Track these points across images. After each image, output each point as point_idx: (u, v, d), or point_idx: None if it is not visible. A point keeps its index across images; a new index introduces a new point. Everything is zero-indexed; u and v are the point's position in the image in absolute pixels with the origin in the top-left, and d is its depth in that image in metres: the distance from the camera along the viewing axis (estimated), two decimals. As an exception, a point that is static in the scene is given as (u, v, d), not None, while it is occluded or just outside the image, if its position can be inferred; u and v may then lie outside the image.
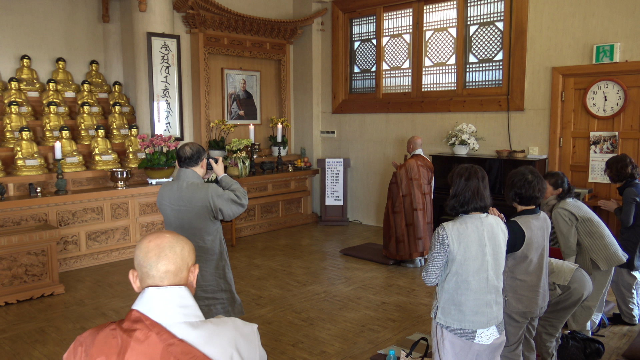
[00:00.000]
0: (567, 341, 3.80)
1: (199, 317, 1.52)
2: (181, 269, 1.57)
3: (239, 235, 7.86)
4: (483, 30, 7.26)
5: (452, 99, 7.53)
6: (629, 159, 4.50)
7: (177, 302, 1.51)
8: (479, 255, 2.64)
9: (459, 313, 2.65)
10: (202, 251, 3.13)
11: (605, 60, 6.10)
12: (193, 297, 1.57)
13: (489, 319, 2.66)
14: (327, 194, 8.65)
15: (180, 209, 3.10)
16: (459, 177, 2.74)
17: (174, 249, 1.57)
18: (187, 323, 1.48)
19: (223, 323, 1.54)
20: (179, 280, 1.57)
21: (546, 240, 3.17)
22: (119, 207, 6.60)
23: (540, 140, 6.74)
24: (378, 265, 6.39)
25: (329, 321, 4.68)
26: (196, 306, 1.54)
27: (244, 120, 8.68)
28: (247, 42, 8.48)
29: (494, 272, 2.69)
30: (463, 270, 2.63)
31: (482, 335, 2.64)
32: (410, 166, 6.23)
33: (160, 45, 7.31)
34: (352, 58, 8.88)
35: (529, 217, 3.10)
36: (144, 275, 1.55)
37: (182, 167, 3.17)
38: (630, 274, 4.47)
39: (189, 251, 1.62)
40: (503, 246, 2.76)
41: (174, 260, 1.56)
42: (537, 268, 3.11)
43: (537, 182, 3.10)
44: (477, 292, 2.64)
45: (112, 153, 6.92)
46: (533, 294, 3.11)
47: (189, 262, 1.61)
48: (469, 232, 2.64)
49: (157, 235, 1.60)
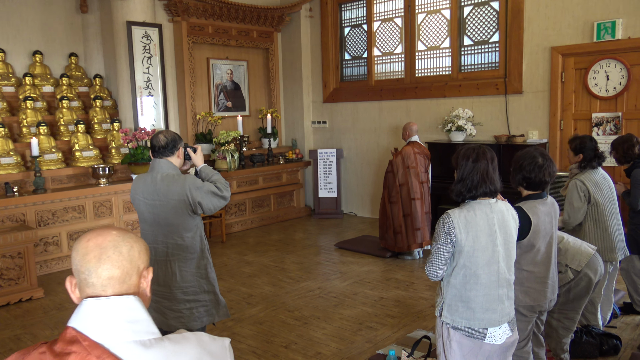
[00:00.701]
0: (581, 336, 3.54)
1: (153, 333, 1.21)
2: (129, 274, 1.27)
3: (230, 231, 7.57)
4: (478, 10, 6.97)
5: (447, 84, 7.25)
6: (635, 139, 4.22)
7: (124, 316, 1.20)
8: (489, 246, 2.36)
9: (467, 310, 2.37)
10: (181, 249, 2.84)
11: (606, 37, 5.83)
12: (146, 309, 1.26)
13: (500, 316, 2.39)
14: (320, 186, 8.36)
15: (155, 204, 2.80)
16: (465, 158, 2.45)
17: (119, 249, 1.27)
18: (138, 342, 1.17)
19: (184, 340, 1.23)
20: (127, 288, 1.26)
21: (554, 226, 2.89)
22: (102, 205, 6.29)
23: (540, 123, 6.47)
24: (375, 258, 6.12)
25: (324, 319, 4.41)
26: (149, 320, 1.23)
27: (232, 112, 8.36)
28: (233, 30, 8.15)
29: (505, 263, 2.42)
30: (472, 263, 2.36)
31: (493, 334, 2.37)
32: (406, 154, 5.95)
33: (141, 35, 6.98)
34: (342, 45, 8.57)
35: (535, 202, 2.82)
36: (83, 282, 1.25)
37: (156, 158, 2.87)
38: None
39: (140, 251, 1.31)
40: (514, 235, 2.49)
41: (119, 264, 1.25)
42: (545, 258, 2.84)
43: (547, 165, 2.82)
44: (487, 286, 2.37)
45: (94, 149, 6.60)
46: (541, 285, 2.85)
47: (140, 265, 1.30)
48: (478, 220, 2.36)
49: (98, 233, 1.29)
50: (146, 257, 1.33)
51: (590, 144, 3.76)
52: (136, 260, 1.29)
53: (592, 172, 3.78)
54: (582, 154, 3.77)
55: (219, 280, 5.33)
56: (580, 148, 3.77)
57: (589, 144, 3.75)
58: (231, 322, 4.37)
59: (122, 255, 1.26)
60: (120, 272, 1.25)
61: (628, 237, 4.27)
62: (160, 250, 2.84)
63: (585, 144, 3.76)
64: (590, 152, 3.75)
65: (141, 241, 1.34)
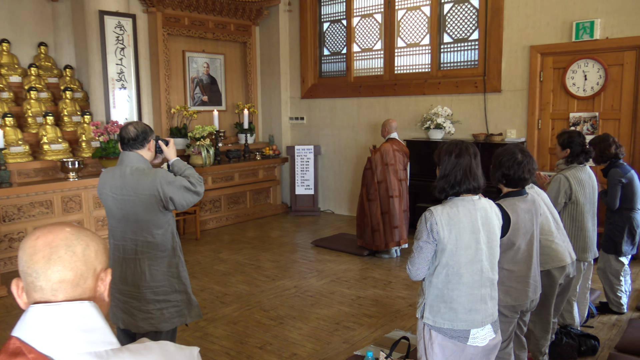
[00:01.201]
0: (561, 338, 3.51)
1: (110, 343, 1.08)
2: (84, 277, 1.13)
3: (204, 228, 7.40)
4: (457, 8, 6.94)
5: (427, 81, 7.21)
6: (612, 139, 4.22)
7: (77, 324, 1.06)
8: (472, 244, 2.29)
9: (450, 311, 2.30)
10: (152, 247, 2.70)
11: (585, 37, 5.84)
12: (103, 316, 1.12)
13: (483, 316, 2.32)
14: (297, 183, 8.25)
15: (124, 199, 2.66)
16: (447, 154, 2.38)
17: (72, 248, 1.12)
18: (92, 354, 1.04)
19: (146, 350, 1.10)
20: (81, 292, 1.12)
21: (535, 224, 2.84)
22: (70, 200, 6.07)
23: (518, 122, 6.47)
24: (352, 256, 6.04)
25: (300, 319, 4.30)
26: (107, 329, 1.10)
27: (208, 107, 8.18)
28: (210, 22, 7.97)
29: (488, 263, 2.35)
30: (454, 262, 2.28)
31: (476, 335, 2.30)
32: (385, 151, 5.88)
33: (114, 25, 6.76)
34: (321, 40, 8.46)
35: (515, 199, 2.76)
36: (30, 286, 1.10)
37: (126, 150, 2.72)
38: (618, 260, 4.21)
39: (97, 251, 1.17)
40: (498, 233, 2.42)
41: (72, 265, 1.11)
42: (525, 256, 2.78)
43: (527, 162, 2.76)
44: (470, 286, 2.30)
45: (63, 142, 6.37)
46: (523, 285, 2.79)
47: (97, 266, 1.16)
48: (461, 216, 2.29)
49: (49, 230, 1.14)
50: (104, 258, 1.20)
51: (578, 139, 3.71)
52: (92, 261, 1.15)
53: (579, 170, 3.73)
54: (570, 149, 3.72)
55: (191, 279, 5.19)
56: (568, 143, 3.71)
57: (576, 139, 3.70)
58: (204, 322, 4.24)
59: (76, 256, 1.12)
60: (74, 274, 1.11)
61: (604, 237, 4.27)
62: (129, 247, 2.70)
63: (573, 138, 3.71)
64: (578, 147, 3.70)
65: (98, 239, 1.20)
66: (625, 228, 4.14)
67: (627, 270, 4.34)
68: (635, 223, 4.15)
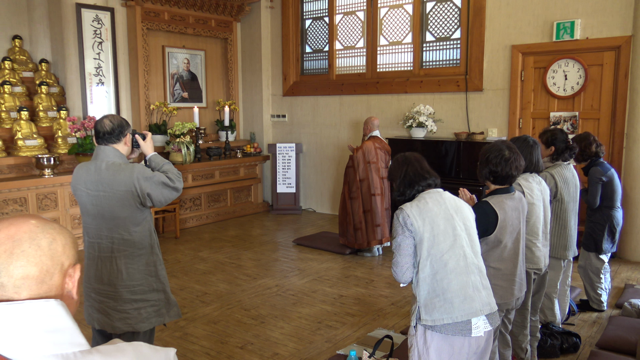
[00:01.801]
0: (546, 339, 3.51)
1: (79, 345, 1.00)
2: (50, 273, 1.04)
3: (184, 226, 7.29)
4: (440, 7, 6.94)
5: (409, 80, 7.19)
6: (592, 137, 4.24)
7: (42, 324, 0.98)
8: (448, 229, 2.30)
9: (445, 303, 2.25)
10: (128, 245, 2.61)
11: (565, 37, 5.88)
12: (72, 315, 1.04)
13: (480, 305, 2.28)
14: (279, 181, 8.18)
15: (99, 195, 2.56)
16: (396, 164, 2.54)
17: (37, 241, 1.04)
18: (59, 356, 0.97)
19: (118, 352, 1.03)
20: (47, 290, 1.04)
21: (522, 222, 2.82)
22: (46, 198, 5.91)
23: (499, 121, 6.50)
24: (334, 255, 5.99)
25: (282, 318, 4.24)
26: (75, 329, 1.02)
27: (188, 103, 8.06)
28: (191, 18, 7.85)
29: (470, 249, 2.34)
30: (435, 250, 2.28)
31: (477, 325, 2.27)
32: (367, 148, 5.84)
33: (91, 18, 6.61)
34: (303, 37, 8.39)
35: (502, 197, 2.74)
36: None
37: (101, 144, 2.62)
38: (598, 258, 4.23)
39: (65, 245, 1.08)
40: (472, 220, 2.44)
41: (37, 260, 1.03)
42: (512, 254, 2.76)
43: (514, 158, 2.73)
44: (457, 272, 2.27)
45: (38, 137, 6.20)
46: (508, 283, 2.77)
47: (65, 261, 1.08)
48: (430, 206, 2.33)
49: (11, 222, 1.05)
50: (72, 252, 1.11)
51: (561, 135, 3.71)
52: (59, 255, 1.07)
53: (564, 167, 3.74)
54: (554, 146, 3.71)
55: (171, 278, 5.09)
56: (552, 140, 3.71)
57: (560, 136, 3.71)
58: (183, 322, 4.15)
59: (41, 250, 1.04)
60: (38, 270, 1.03)
61: (585, 235, 4.30)
62: (104, 245, 2.61)
63: (556, 135, 3.71)
64: (562, 144, 3.70)
65: (66, 232, 1.12)
66: (605, 226, 4.17)
67: (607, 268, 4.37)
68: (615, 221, 4.18)
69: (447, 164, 6.35)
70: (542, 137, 3.77)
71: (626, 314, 4.12)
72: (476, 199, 2.92)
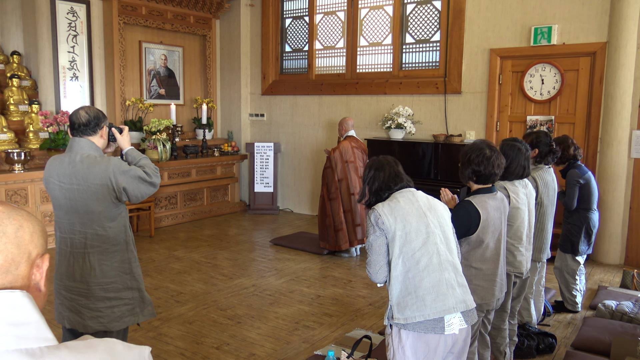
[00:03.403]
0: (523, 341, 3.52)
1: (45, 339, 0.94)
2: (15, 262, 0.98)
3: (159, 225, 7.16)
4: (420, 9, 6.97)
5: (388, 81, 7.20)
6: (571, 140, 4.29)
7: (5, 317, 0.92)
8: (421, 227, 2.27)
9: (417, 301, 2.21)
10: (102, 241, 2.53)
11: (543, 42, 5.96)
12: (38, 309, 0.97)
13: (455, 302, 2.24)
14: (257, 181, 8.10)
15: (73, 188, 2.47)
16: (369, 169, 2.51)
17: (1, 227, 0.98)
18: (23, 351, 0.90)
19: (88, 348, 0.96)
20: (12, 280, 0.98)
21: (504, 223, 2.82)
22: (15, 194, 5.74)
23: (477, 124, 6.55)
24: (311, 255, 5.95)
25: (259, 318, 4.18)
26: (42, 323, 0.95)
27: (165, 100, 7.92)
28: (169, 13, 7.73)
29: (445, 246, 2.31)
30: (408, 248, 2.25)
31: (451, 322, 2.23)
32: (344, 148, 5.82)
33: (66, 11, 6.45)
34: (283, 36, 8.34)
35: (485, 196, 2.73)
36: None
37: (76, 136, 2.53)
38: (574, 259, 4.28)
39: (33, 233, 1.02)
40: (447, 218, 2.42)
41: (1, 247, 0.97)
42: (494, 254, 2.76)
43: (495, 157, 2.73)
44: (429, 270, 2.24)
45: (9, 132, 6.02)
46: (489, 284, 2.76)
47: (32, 250, 1.02)
48: (402, 204, 2.31)
49: None
50: (41, 242, 1.05)
51: (545, 139, 3.73)
52: (26, 244, 1.00)
53: (545, 171, 3.76)
54: (538, 149, 3.73)
55: (145, 277, 4.98)
56: (536, 143, 3.73)
57: (544, 139, 3.73)
58: (158, 322, 4.06)
59: (7, 237, 0.98)
60: (3, 258, 0.97)
61: (562, 236, 4.34)
62: (77, 241, 2.51)
63: (540, 138, 3.73)
64: (545, 147, 3.73)
65: (35, 220, 1.05)
66: (582, 228, 4.22)
67: (582, 269, 4.42)
68: (592, 223, 4.23)
69: (426, 166, 6.37)
70: (527, 138, 3.78)
71: (600, 315, 4.17)
72: (457, 199, 2.91)
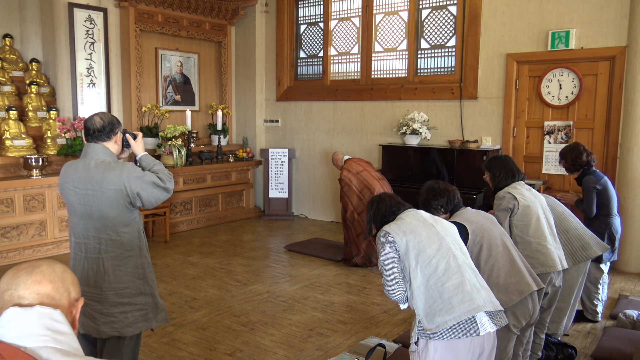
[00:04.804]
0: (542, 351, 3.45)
1: (76, 349, 1.19)
2: (60, 294, 1.27)
3: (174, 230, 7.19)
4: (435, 14, 6.93)
5: (403, 87, 7.17)
6: (582, 147, 4.23)
7: (47, 323, 1.18)
8: (432, 235, 2.32)
9: (445, 305, 2.17)
10: (116, 246, 2.53)
11: (560, 46, 5.88)
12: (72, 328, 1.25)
13: (482, 301, 2.21)
14: (271, 186, 8.10)
15: (87, 194, 2.48)
16: (370, 206, 2.61)
17: (52, 267, 1.30)
18: (60, 350, 1.15)
19: None
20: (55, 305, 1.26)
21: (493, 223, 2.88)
22: (33, 199, 5.80)
23: (493, 130, 6.48)
24: (325, 261, 5.92)
25: (272, 325, 4.16)
26: (74, 337, 1.21)
27: (181, 106, 7.98)
28: (184, 20, 7.79)
29: (459, 250, 2.34)
30: (423, 256, 2.26)
31: (483, 322, 2.20)
32: (350, 165, 5.75)
33: (84, 18, 6.53)
34: (297, 42, 8.36)
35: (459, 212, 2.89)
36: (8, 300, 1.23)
37: (91, 142, 2.55)
38: (598, 267, 4.18)
39: (73, 279, 1.34)
40: (454, 227, 2.49)
41: (51, 278, 1.27)
42: (502, 250, 2.76)
43: (444, 184, 2.94)
44: (449, 273, 2.23)
45: (27, 138, 6.10)
46: (517, 276, 2.70)
47: (72, 290, 1.31)
48: (409, 220, 2.39)
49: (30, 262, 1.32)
50: (77, 289, 1.34)
51: None
52: (68, 284, 1.29)
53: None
54: None
55: (160, 283, 5.00)
56: None
57: None
58: (171, 328, 4.05)
59: (55, 273, 1.27)
60: (52, 287, 1.25)
61: None
62: (91, 246, 2.52)
63: None
64: None
65: (74, 274, 1.37)
66: (605, 234, 4.13)
67: (605, 279, 4.32)
68: (614, 229, 4.14)
69: (441, 172, 6.31)
70: None
71: (621, 324, 4.08)
72: None
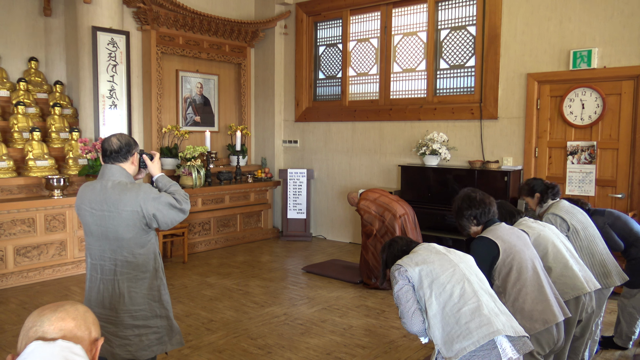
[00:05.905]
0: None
1: None
2: (81, 331, 1.35)
3: (192, 251, 7.18)
4: (454, 34, 6.91)
5: (422, 107, 7.13)
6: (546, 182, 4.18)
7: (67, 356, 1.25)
8: (444, 263, 2.30)
9: (462, 331, 2.12)
10: (132, 268, 2.51)
11: (582, 66, 5.80)
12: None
13: (502, 325, 2.14)
14: (290, 207, 8.07)
15: (104, 215, 2.48)
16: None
17: (75, 306, 1.41)
18: None
19: None
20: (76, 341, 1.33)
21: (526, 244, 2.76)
22: (54, 219, 5.86)
23: (514, 150, 6.38)
24: (344, 283, 5.84)
25: (290, 349, 4.09)
26: None
27: (200, 127, 8.05)
28: (205, 43, 7.90)
29: (474, 276, 2.30)
30: (437, 283, 2.23)
31: (504, 347, 2.12)
32: (366, 195, 5.73)
33: (107, 42, 6.66)
34: (316, 63, 8.40)
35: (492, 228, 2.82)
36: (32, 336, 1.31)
37: (108, 163, 2.55)
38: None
39: (94, 320, 1.43)
40: (469, 257, 2.46)
41: (74, 315, 1.36)
42: (532, 274, 2.66)
43: (481, 194, 2.92)
44: (465, 298, 2.19)
45: (49, 158, 6.19)
46: (543, 304, 2.60)
47: (93, 330, 1.39)
48: (420, 252, 2.41)
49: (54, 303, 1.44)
50: (97, 329, 1.42)
51: (536, 181, 3.98)
52: (90, 323, 1.37)
53: (556, 203, 3.81)
54: (537, 193, 3.93)
55: (177, 304, 4.97)
56: (532, 188, 3.96)
57: (535, 182, 3.97)
58: (188, 350, 4.01)
59: (78, 312, 1.36)
60: (74, 324, 1.33)
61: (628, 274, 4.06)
62: (107, 267, 2.51)
63: (532, 183, 3.97)
64: (541, 186, 3.93)
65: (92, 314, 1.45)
66: None
67: None
68: None
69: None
70: (522, 191, 4.03)
71: (651, 352, 3.91)
72: None
